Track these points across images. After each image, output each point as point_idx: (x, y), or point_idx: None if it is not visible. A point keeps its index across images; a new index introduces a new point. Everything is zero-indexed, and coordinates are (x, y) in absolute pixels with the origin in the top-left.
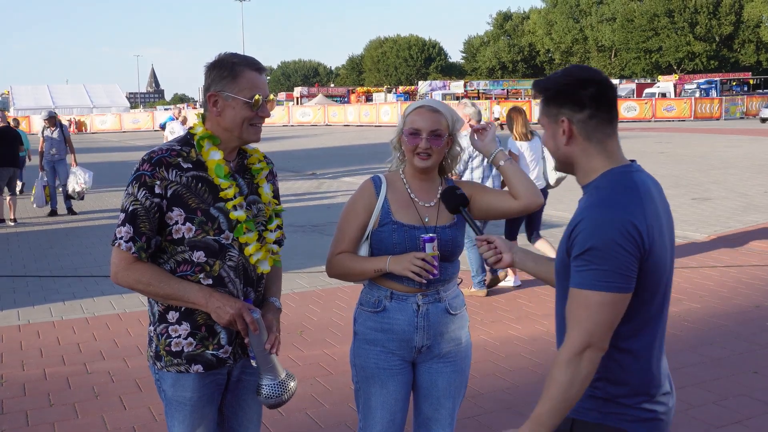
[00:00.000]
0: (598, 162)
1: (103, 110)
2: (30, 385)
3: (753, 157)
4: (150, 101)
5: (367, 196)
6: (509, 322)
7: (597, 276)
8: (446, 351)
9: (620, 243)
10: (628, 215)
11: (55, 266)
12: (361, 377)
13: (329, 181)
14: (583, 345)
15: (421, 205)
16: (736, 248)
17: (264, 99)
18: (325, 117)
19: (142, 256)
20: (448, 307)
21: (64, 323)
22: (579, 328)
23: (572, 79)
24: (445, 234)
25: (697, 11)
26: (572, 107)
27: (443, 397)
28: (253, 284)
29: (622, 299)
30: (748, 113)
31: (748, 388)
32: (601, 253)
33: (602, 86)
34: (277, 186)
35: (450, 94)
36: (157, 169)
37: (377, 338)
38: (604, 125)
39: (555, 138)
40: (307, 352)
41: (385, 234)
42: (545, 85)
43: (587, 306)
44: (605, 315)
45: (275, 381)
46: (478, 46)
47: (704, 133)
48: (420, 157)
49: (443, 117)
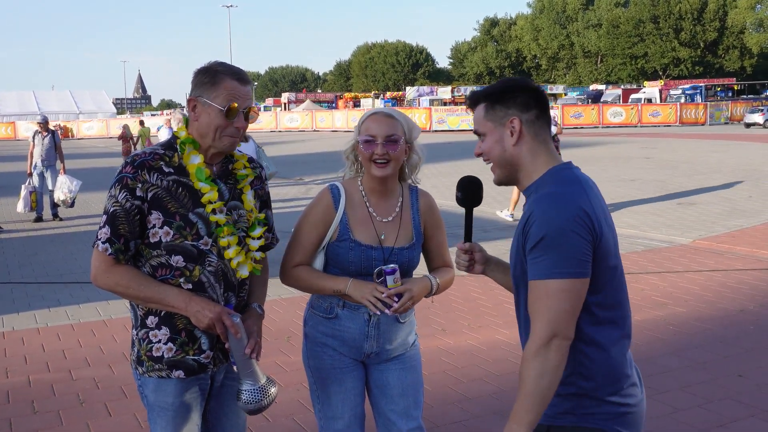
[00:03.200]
0: (543, 161)
1: (90, 116)
2: (14, 392)
3: (737, 162)
4: (137, 107)
5: (325, 208)
6: (496, 327)
7: (553, 264)
8: (394, 355)
9: (573, 229)
10: (577, 202)
11: (40, 272)
12: (317, 378)
13: (317, 186)
14: (549, 335)
15: (379, 220)
16: (721, 253)
17: (242, 109)
18: (312, 123)
19: (119, 258)
20: (398, 315)
21: (49, 330)
22: (542, 319)
23: (513, 84)
24: (402, 256)
25: (682, 17)
26: (520, 108)
27: (398, 395)
28: (233, 289)
29: (581, 284)
30: (733, 118)
31: (733, 391)
32: (555, 241)
33: (539, 91)
34: (267, 190)
35: (437, 100)
36: (139, 172)
37: (328, 342)
38: (546, 126)
39: (502, 141)
40: (294, 358)
41: (342, 250)
42: (488, 91)
43: (547, 295)
44: (567, 302)
45: (255, 386)
46: (465, 52)
47: (689, 139)
48: (377, 165)
49: (398, 123)
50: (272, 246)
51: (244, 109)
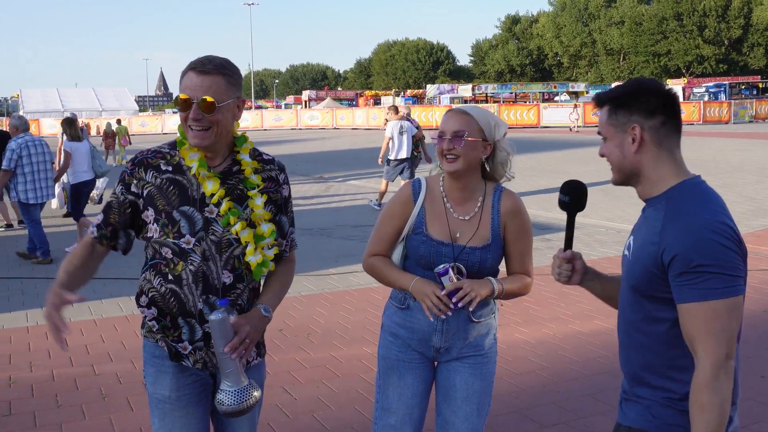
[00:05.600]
0: (667, 171)
1: (112, 113)
2: (38, 386)
3: (762, 161)
4: (159, 104)
5: (404, 202)
6: (516, 325)
7: (717, 284)
8: (466, 355)
9: (725, 244)
10: (720, 217)
11: None
12: (382, 367)
13: (337, 184)
14: (724, 357)
15: (456, 218)
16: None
17: (195, 101)
18: (333, 120)
19: (103, 243)
20: (469, 314)
21: (73, 325)
22: (716, 342)
23: (640, 87)
24: (473, 255)
25: (706, 14)
26: (644, 114)
27: (461, 399)
28: (216, 293)
29: (742, 300)
30: (757, 117)
31: (756, 392)
32: (713, 261)
33: (670, 95)
34: (284, 194)
35: (458, 98)
36: (137, 170)
37: (400, 333)
38: (673, 133)
39: (622, 147)
40: (313, 355)
41: (415, 243)
42: (612, 95)
43: (717, 317)
44: (735, 320)
45: (233, 388)
46: (487, 50)
47: (713, 137)
48: (446, 160)
49: (472, 120)
50: (285, 254)
51: (197, 101)
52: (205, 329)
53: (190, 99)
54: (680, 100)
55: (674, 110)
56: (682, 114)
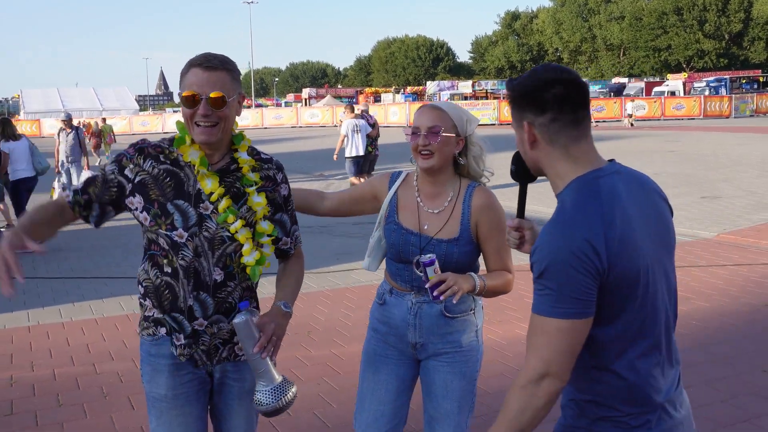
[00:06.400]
0: (563, 168)
1: (113, 113)
2: (39, 385)
3: (763, 155)
4: (159, 103)
5: (381, 180)
6: (517, 321)
7: (552, 301)
8: (443, 351)
9: (574, 266)
10: (585, 233)
11: (64, 268)
12: (363, 360)
13: (338, 182)
14: (541, 373)
15: (426, 210)
16: (746, 247)
17: (203, 96)
18: (333, 118)
19: (75, 209)
20: (443, 309)
21: (74, 324)
22: (537, 356)
23: (536, 80)
24: (439, 248)
25: (706, 9)
26: (534, 111)
27: (441, 396)
28: (207, 290)
29: (581, 325)
30: (758, 111)
31: (757, 386)
32: (556, 278)
33: (568, 86)
34: (284, 193)
35: (458, 94)
36: (136, 156)
37: (379, 328)
38: (568, 128)
39: (522, 143)
40: (314, 352)
41: (388, 232)
42: (508, 89)
43: (544, 332)
44: (563, 343)
45: (268, 387)
46: (486, 46)
47: (714, 132)
48: (422, 156)
49: (445, 115)
50: (291, 251)
51: (206, 96)
52: (194, 326)
53: (198, 95)
54: (681, 94)
55: (569, 103)
56: (588, 104)
